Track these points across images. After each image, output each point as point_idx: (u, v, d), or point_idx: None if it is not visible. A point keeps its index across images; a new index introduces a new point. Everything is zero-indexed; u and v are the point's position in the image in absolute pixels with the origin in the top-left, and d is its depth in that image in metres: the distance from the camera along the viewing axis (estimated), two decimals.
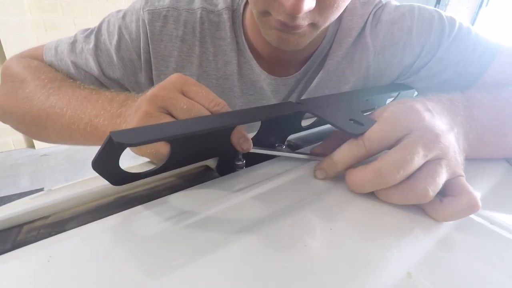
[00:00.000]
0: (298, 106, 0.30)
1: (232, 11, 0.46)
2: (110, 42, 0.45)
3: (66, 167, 1.95)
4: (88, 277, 0.17)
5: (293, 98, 0.50)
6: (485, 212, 0.25)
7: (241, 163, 0.30)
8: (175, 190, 0.26)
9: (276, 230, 0.21)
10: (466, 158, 0.27)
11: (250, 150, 0.28)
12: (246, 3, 0.46)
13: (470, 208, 0.23)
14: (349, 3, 0.37)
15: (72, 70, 0.47)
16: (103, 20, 0.48)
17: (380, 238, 0.21)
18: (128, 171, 0.24)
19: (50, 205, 0.23)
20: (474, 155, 0.32)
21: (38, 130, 0.42)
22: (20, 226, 0.22)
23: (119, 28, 0.45)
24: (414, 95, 0.49)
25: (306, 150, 0.35)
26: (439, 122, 0.25)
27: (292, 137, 0.38)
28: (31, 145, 2.11)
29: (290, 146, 0.37)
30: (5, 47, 1.86)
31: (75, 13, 2.01)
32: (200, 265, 0.18)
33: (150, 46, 0.45)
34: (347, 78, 0.47)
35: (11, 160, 1.98)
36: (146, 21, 0.44)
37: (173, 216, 0.22)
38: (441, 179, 0.23)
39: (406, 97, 0.47)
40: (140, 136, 0.20)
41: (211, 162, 0.31)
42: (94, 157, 0.21)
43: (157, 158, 0.27)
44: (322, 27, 0.37)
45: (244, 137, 0.27)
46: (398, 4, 0.45)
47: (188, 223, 0.21)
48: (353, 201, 0.25)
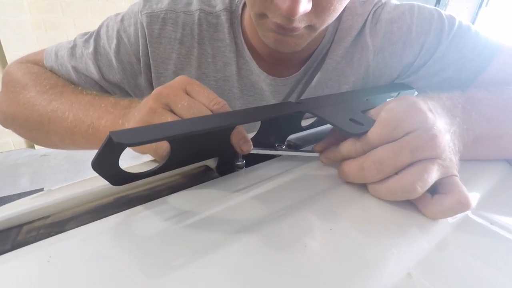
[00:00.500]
0: (298, 106, 0.30)
1: (231, 12, 0.46)
2: (109, 46, 0.45)
3: (66, 167, 1.95)
4: (88, 277, 0.17)
5: (293, 98, 0.50)
6: (485, 212, 0.25)
7: (241, 163, 0.30)
8: (175, 190, 0.26)
9: (276, 230, 0.21)
10: (462, 159, 0.27)
11: (250, 151, 0.28)
12: (244, 4, 0.46)
13: (460, 206, 0.23)
14: (348, 2, 0.37)
15: (73, 75, 0.47)
16: (102, 24, 0.48)
17: (380, 238, 0.21)
18: (128, 171, 0.24)
19: (50, 205, 0.23)
20: (471, 156, 0.32)
21: (41, 134, 0.42)
22: (20, 226, 0.22)
23: (118, 31, 0.45)
24: (414, 95, 0.49)
25: (307, 149, 0.35)
26: (439, 123, 0.25)
27: (292, 137, 0.38)
28: (31, 145, 2.11)
29: (290, 146, 0.37)
30: (5, 47, 1.86)
31: (75, 13, 2.01)
32: (200, 265, 0.18)
33: (149, 49, 0.45)
34: (346, 78, 0.47)
35: (11, 160, 1.98)
36: (145, 24, 0.44)
37: (173, 216, 0.22)
38: (430, 176, 0.23)
39: None
40: (139, 136, 0.20)
41: (211, 162, 0.31)
42: (94, 157, 0.21)
43: (158, 154, 0.27)
44: (320, 29, 0.37)
45: (244, 138, 0.27)
46: (397, 3, 0.45)
47: (188, 223, 0.21)
48: (353, 201, 0.25)
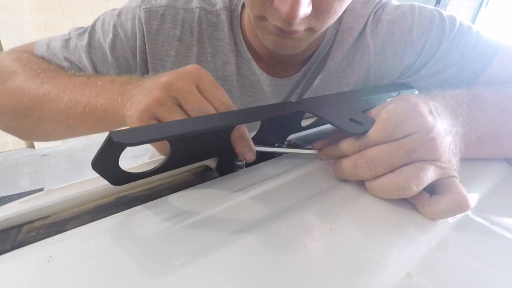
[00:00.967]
0: (298, 105, 0.30)
1: (230, 11, 0.45)
2: (105, 40, 0.44)
3: (66, 167, 1.95)
4: (88, 277, 0.17)
5: (293, 100, 0.50)
6: (485, 212, 0.25)
7: (241, 163, 0.30)
8: (175, 190, 0.26)
9: (276, 230, 0.21)
10: (463, 158, 0.26)
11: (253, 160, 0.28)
12: (243, 3, 0.45)
13: (459, 207, 0.23)
14: (349, 3, 0.37)
15: (65, 65, 0.45)
16: (98, 18, 0.46)
17: (380, 238, 0.21)
18: (128, 171, 0.24)
19: (50, 205, 0.23)
20: (472, 155, 0.32)
21: (30, 122, 0.40)
22: (20, 226, 0.22)
23: (114, 26, 0.44)
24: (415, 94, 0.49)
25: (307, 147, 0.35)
26: (439, 125, 0.25)
27: (292, 137, 0.38)
28: (31, 145, 2.11)
29: (290, 146, 0.37)
30: (5, 47, 1.86)
31: (75, 13, 2.01)
32: (200, 265, 0.18)
33: (146, 45, 0.44)
34: (347, 79, 0.47)
35: (11, 160, 1.98)
36: (143, 19, 0.43)
37: (173, 216, 0.22)
38: (426, 175, 0.23)
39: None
40: (139, 135, 0.20)
41: (211, 162, 0.31)
42: (94, 157, 0.21)
43: (159, 144, 0.27)
44: (319, 32, 0.37)
45: (248, 146, 0.27)
46: (398, 3, 0.45)
47: (188, 223, 0.21)
48: (353, 201, 0.25)
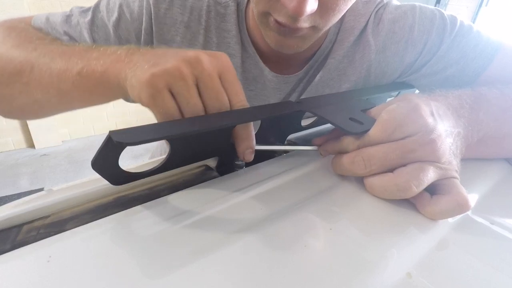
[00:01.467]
0: (298, 105, 0.30)
1: (237, 4, 0.45)
2: (109, 19, 0.43)
3: (66, 167, 1.95)
4: (88, 277, 0.17)
5: (294, 97, 0.50)
6: (485, 212, 0.25)
7: (241, 162, 0.30)
8: (175, 190, 0.26)
9: (276, 230, 0.21)
10: (464, 158, 0.26)
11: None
12: None
13: (458, 207, 0.23)
14: (353, 3, 0.37)
15: (64, 39, 0.42)
16: None
17: (380, 238, 0.21)
18: (128, 170, 0.24)
19: (50, 205, 0.23)
20: (473, 155, 0.32)
21: (16, 89, 0.36)
22: (19, 226, 0.22)
23: (120, 6, 0.43)
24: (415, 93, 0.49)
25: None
26: (440, 127, 0.25)
27: (292, 136, 0.38)
28: (31, 145, 2.11)
29: (290, 146, 0.37)
30: None
31: None
32: (200, 265, 0.18)
33: (153, 28, 0.43)
34: (348, 77, 0.47)
35: (11, 160, 1.98)
36: (151, 1, 0.42)
37: (173, 216, 0.22)
38: (426, 176, 0.23)
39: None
40: (139, 135, 0.20)
41: (211, 162, 0.31)
42: (94, 157, 0.21)
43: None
44: (323, 30, 0.37)
45: (251, 149, 0.27)
46: (399, 3, 0.45)
47: (188, 223, 0.21)
48: (353, 201, 0.25)
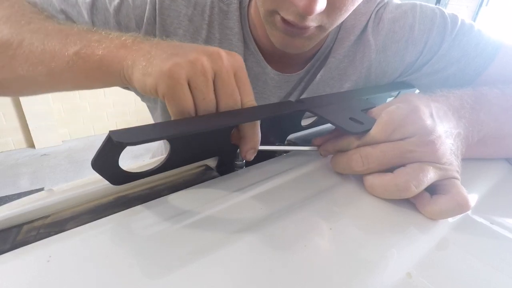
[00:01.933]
0: (298, 105, 0.30)
1: (240, 1, 0.45)
2: (110, 3, 0.41)
3: (66, 167, 1.95)
4: (88, 277, 0.17)
5: (295, 96, 0.50)
6: (485, 212, 0.25)
7: (241, 162, 0.30)
8: (175, 190, 0.26)
9: (276, 230, 0.21)
10: (464, 158, 0.26)
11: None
12: None
13: (458, 207, 0.23)
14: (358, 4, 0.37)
15: (60, 17, 0.41)
16: None
17: (380, 238, 0.21)
18: (128, 170, 0.24)
19: (50, 205, 0.23)
20: (473, 155, 0.32)
21: None
22: (19, 226, 0.22)
23: None
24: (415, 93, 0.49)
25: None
26: (439, 128, 0.25)
27: (292, 136, 0.38)
28: (31, 145, 2.11)
29: (290, 146, 0.37)
30: None
31: None
32: (200, 264, 0.18)
33: (157, 18, 0.42)
34: (348, 77, 0.47)
35: (11, 160, 1.98)
36: None
37: (173, 216, 0.22)
38: (426, 176, 0.23)
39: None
40: (139, 135, 0.20)
41: (211, 162, 0.31)
42: (94, 157, 0.21)
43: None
44: (329, 30, 0.37)
45: (254, 149, 0.27)
46: (399, 2, 0.45)
47: (188, 223, 0.21)
48: (353, 201, 0.25)
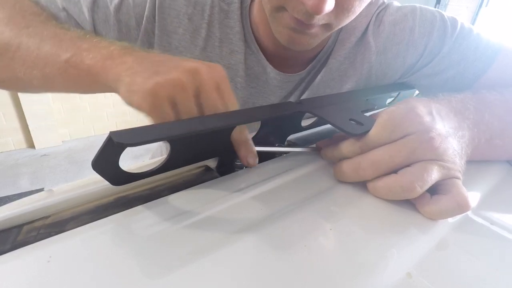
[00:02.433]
0: (298, 106, 0.30)
1: (241, 1, 0.45)
2: (111, 1, 0.41)
3: (66, 167, 1.95)
4: (88, 277, 0.17)
5: (295, 96, 0.50)
6: (485, 212, 0.25)
7: (241, 163, 0.30)
8: (175, 190, 0.26)
9: (276, 230, 0.21)
10: (470, 160, 0.26)
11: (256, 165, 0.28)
12: None
13: (458, 207, 0.23)
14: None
15: (61, 15, 0.41)
16: None
17: (380, 238, 0.21)
18: (128, 171, 0.24)
19: (50, 205, 0.23)
20: (480, 157, 0.32)
21: (0, 62, 0.35)
22: (20, 226, 0.22)
23: None
24: (415, 94, 0.49)
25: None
26: (439, 126, 0.25)
27: (292, 137, 0.38)
28: (31, 145, 2.11)
29: (290, 146, 0.37)
30: None
31: None
32: (200, 265, 0.18)
33: (156, 17, 0.43)
34: (349, 78, 0.47)
35: (11, 160, 1.98)
36: None
37: (173, 216, 0.22)
38: (430, 176, 0.23)
39: (407, 97, 0.47)
40: (140, 136, 0.20)
41: (211, 162, 0.31)
42: (94, 157, 0.21)
43: None
44: (335, 29, 0.37)
45: (252, 153, 0.27)
46: (399, 5, 0.45)
47: (188, 223, 0.21)
48: (353, 201, 0.25)
